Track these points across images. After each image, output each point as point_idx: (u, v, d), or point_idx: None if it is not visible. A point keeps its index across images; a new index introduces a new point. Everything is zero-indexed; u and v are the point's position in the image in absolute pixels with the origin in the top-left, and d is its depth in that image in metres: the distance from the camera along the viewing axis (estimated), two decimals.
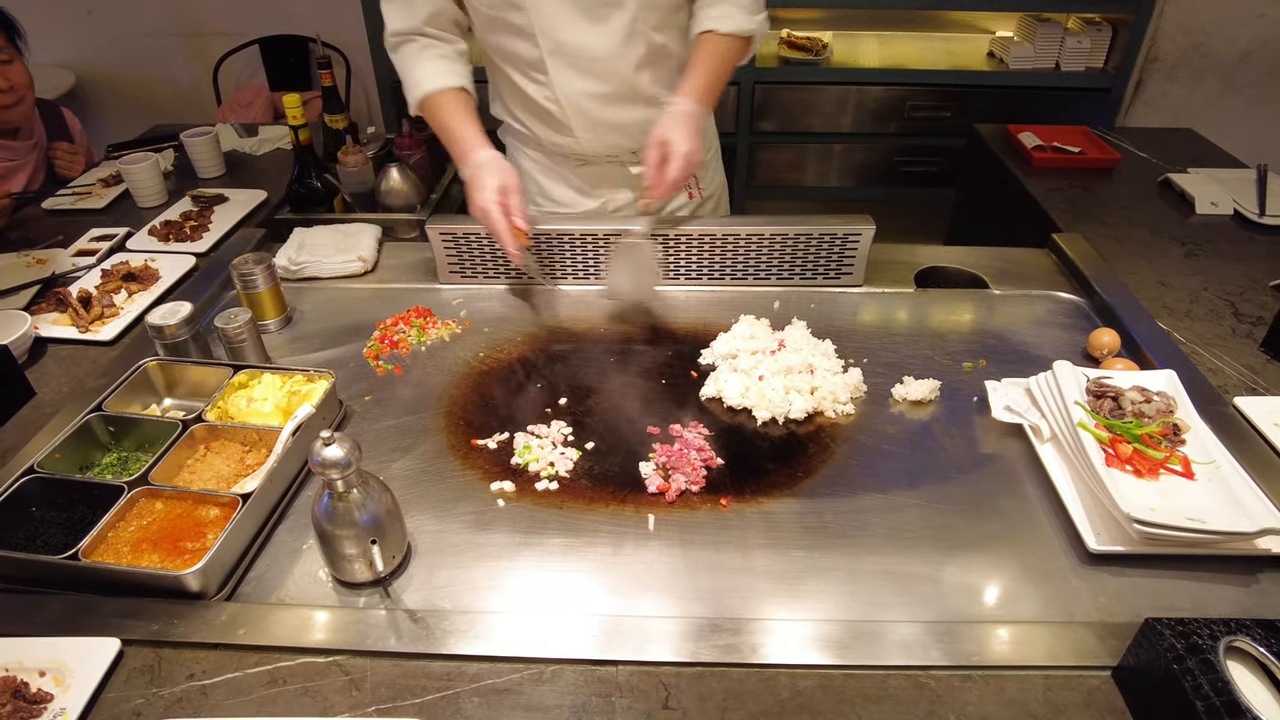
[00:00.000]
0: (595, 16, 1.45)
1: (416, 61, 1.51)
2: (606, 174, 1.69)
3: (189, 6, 3.52)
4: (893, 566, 1.01)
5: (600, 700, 0.85)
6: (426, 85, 1.50)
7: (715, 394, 1.30)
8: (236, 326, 1.33)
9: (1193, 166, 2.12)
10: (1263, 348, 1.42)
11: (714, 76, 1.49)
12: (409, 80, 1.52)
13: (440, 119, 1.51)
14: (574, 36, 1.46)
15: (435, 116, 1.51)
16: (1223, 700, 0.74)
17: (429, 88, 1.49)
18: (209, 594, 0.97)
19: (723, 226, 1.55)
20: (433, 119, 1.52)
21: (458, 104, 1.51)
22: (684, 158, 1.38)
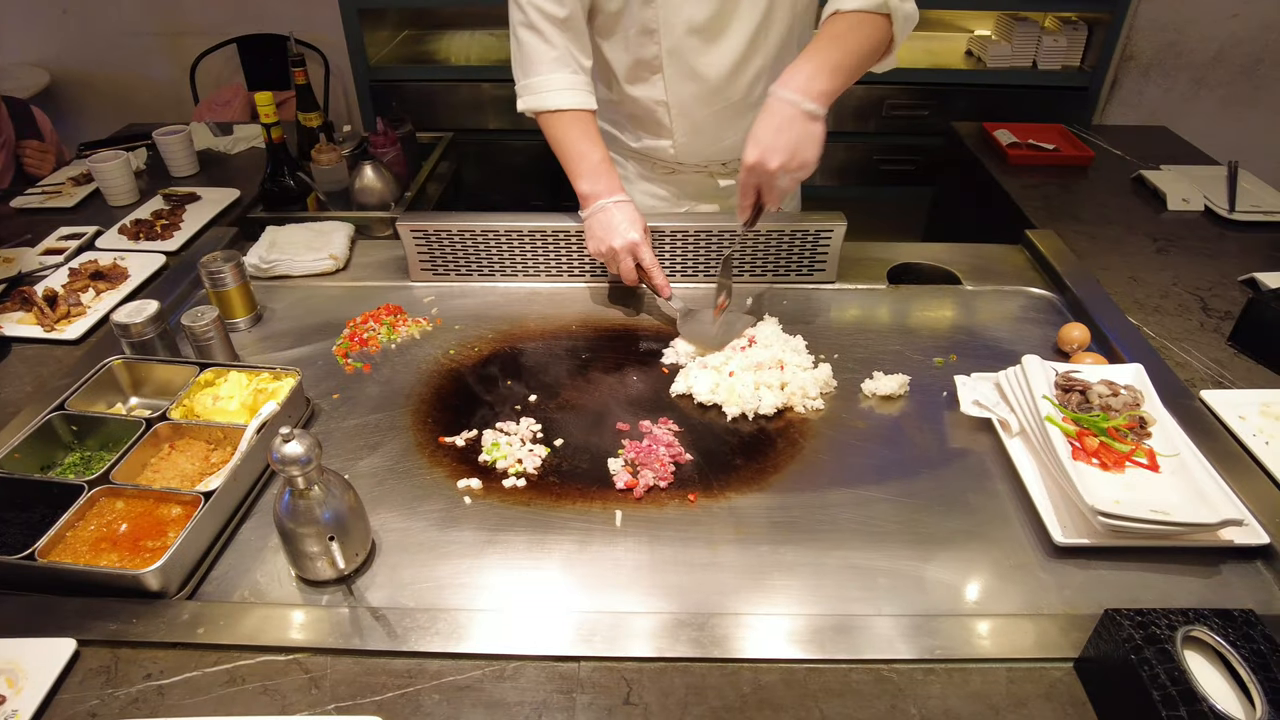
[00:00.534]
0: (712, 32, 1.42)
1: (555, 66, 1.43)
2: (695, 184, 1.69)
3: (166, 5, 3.49)
4: (859, 561, 1.01)
5: (561, 696, 0.84)
6: (563, 100, 1.43)
7: (685, 390, 1.30)
8: (203, 324, 1.32)
9: (1165, 164, 2.13)
10: (1230, 342, 1.43)
11: (827, 60, 1.23)
12: (538, 79, 1.44)
13: (572, 140, 1.44)
14: (693, 42, 1.43)
15: (567, 135, 1.45)
16: (1179, 689, 0.75)
17: (564, 104, 1.43)
18: (170, 593, 0.96)
19: (696, 223, 1.55)
20: (561, 136, 1.45)
21: (593, 131, 1.46)
22: (748, 171, 1.25)
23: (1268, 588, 0.99)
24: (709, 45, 1.44)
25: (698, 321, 1.44)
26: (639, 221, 1.42)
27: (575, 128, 1.44)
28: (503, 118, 3.24)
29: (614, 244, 1.40)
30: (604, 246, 1.42)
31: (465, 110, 3.24)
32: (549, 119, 1.46)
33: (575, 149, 1.44)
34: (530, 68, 1.45)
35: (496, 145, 3.28)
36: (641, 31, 1.44)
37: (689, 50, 1.45)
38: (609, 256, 1.43)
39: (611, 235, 1.40)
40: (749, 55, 1.47)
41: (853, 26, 1.27)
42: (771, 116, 1.23)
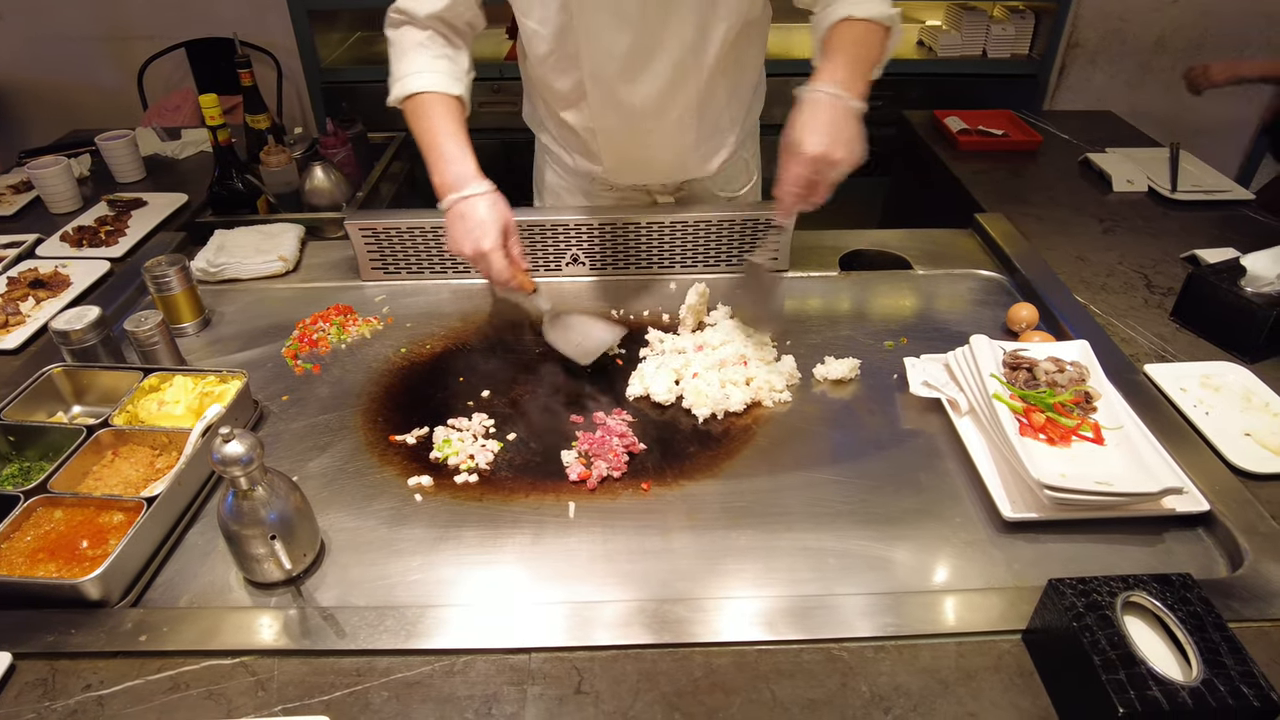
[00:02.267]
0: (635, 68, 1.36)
1: (418, 52, 1.35)
2: (633, 199, 1.67)
3: (109, 9, 3.41)
4: (810, 543, 1.02)
5: (512, 689, 0.84)
6: (422, 82, 1.33)
7: (642, 392, 1.27)
8: (147, 329, 1.29)
9: (1111, 146, 2.17)
10: (1172, 317, 1.45)
11: (855, 59, 1.24)
12: (400, 67, 1.36)
13: (428, 125, 1.32)
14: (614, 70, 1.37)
15: (423, 120, 1.33)
16: (1118, 653, 0.76)
17: (424, 85, 1.33)
18: (111, 601, 0.94)
19: (646, 215, 1.55)
20: (418, 122, 1.34)
21: (452, 115, 1.33)
22: (810, 162, 1.16)
23: (1208, 553, 1.02)
24: (632, 75, 1.38)
25: (565, 327, 1.35)
26: (503, 215, 1.27)
27: (433, 117, 1.32)
28: None
29: (471, 249, 1.25)
30: (466, 249, 1.26)
31: None
32: (408, 106, 1.35)
33: (427, 136, 1.32)
34: (397, 60, 1.38)
35: None
36: (564, 57, 1.39)
37: (611, 79, 1.38)
38: (472, 260, 1.27)
39: (467, 240, 1.25)
40: (675, 86, 1.40)
41: (865, 33, 1.27)
42: (824, 110, 1.18)
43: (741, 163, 1.70)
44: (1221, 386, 1.26)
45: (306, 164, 2.01)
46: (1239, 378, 1.28)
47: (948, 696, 0.83)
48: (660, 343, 1.37)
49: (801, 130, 1.17)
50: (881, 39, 1.30)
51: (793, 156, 1.18)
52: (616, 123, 1.46)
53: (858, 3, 1.28)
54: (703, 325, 1.42)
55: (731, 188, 1.73)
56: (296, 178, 2.01)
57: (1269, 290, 1.33)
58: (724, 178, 1.69)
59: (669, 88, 1.40)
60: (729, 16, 1.35)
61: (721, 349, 1.33)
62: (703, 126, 1.51)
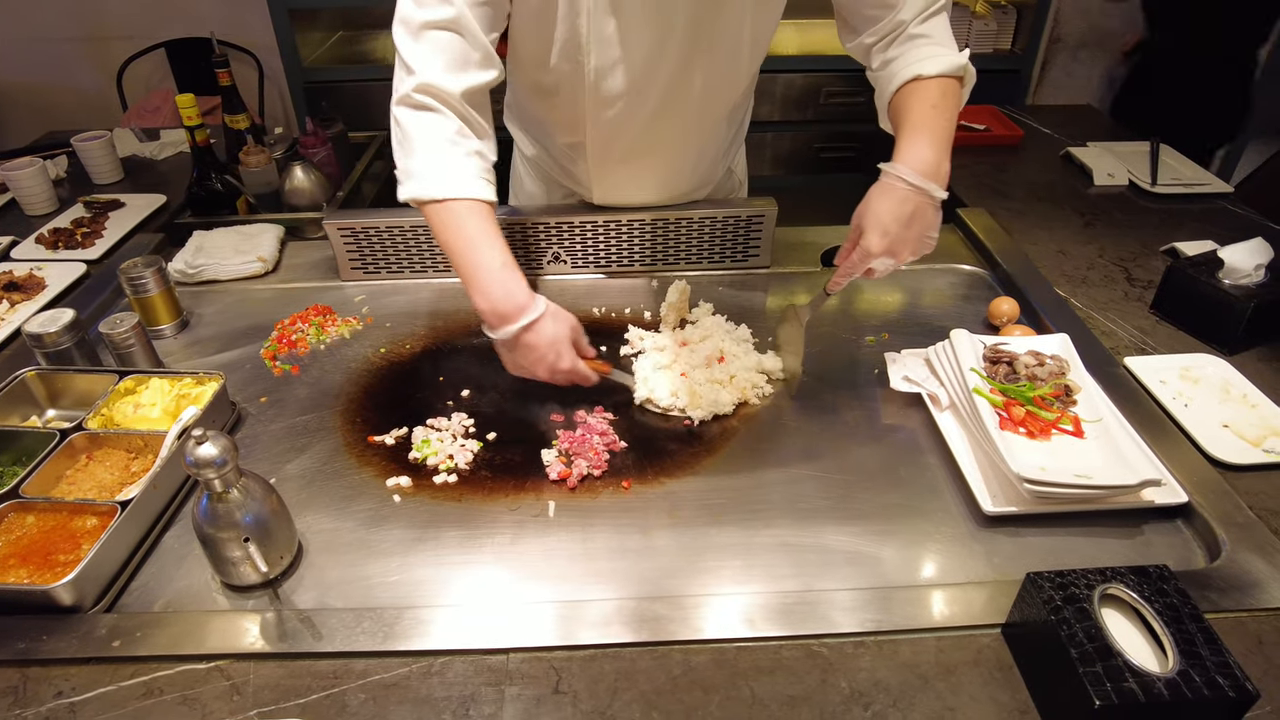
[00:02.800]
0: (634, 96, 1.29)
1: (446, 149, 1.17)
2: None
3: (86, 9, 3.38)
4: (790, 539, 1.02)
5: (490, 689, 0.83)
6: (452, 187, 1.17)
7: (648, 395, 1.24)
8: (122, 332, 1.28)
9: (1092, 140, 2.18)
10: (1152, 309, 1.46)
11: (938, 133, 1.13)
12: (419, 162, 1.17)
13: (463, 239, 1.17)
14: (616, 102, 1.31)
15: (456, 233, 1.17)
16: (1095, 645, 0.76)
17: (455, 191, 1.17)
18: (85, 607, 0.93)
19: (629, 214, 1.54)
20: (449, 231, 1.18)
21: (492, 226, 1.19)
22: (865, 255, 1.12)
23: (1187, 544, 1.02)
24: (630, 105, 1.32)
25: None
26: (568, 325, 1.20)
27: (465, 223, 1.17)
28: None
29: (560, 367, 1.18)
30: (543, 373, 1.19)
31: None
32: (431, 209, 1.19)
33: (463, 250, 1.17)
34: (409, 148, 1.19)
35: None
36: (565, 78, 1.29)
37: (614, 105, 1.32)
38: (553, 380, 1.21)
39: (549, 360, 1.17)
40: (670, 113, 1.34)
41: (943, 95, 1.17)
42: (902, 204, 1.10)
43: (727, 173, 1.69)
44: (1201, 378, 1.27)
45: (286, 164, 1.99)
46: (1218, 370, 1.28)
47: (927, 691, 0.83)
48: (641, 340, 1.37)
49: (873, 223, 1.11)
50: (958, 94, 1.20)
51: (859, 245, 1.13)
52: (611, 152, 1.42)
53: (928, 57, 1.18)
54: (684, 323, 1.42)
55: (718, 196, 1.72)
56: (276, 178, 2.00)
57: (1247, 282, 1.34)
58: (711, 190, 1.67)
59: (661, 114, 1.34)
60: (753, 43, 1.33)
61: (703, 344, 1.32)
62: (702, 155, 1.50)
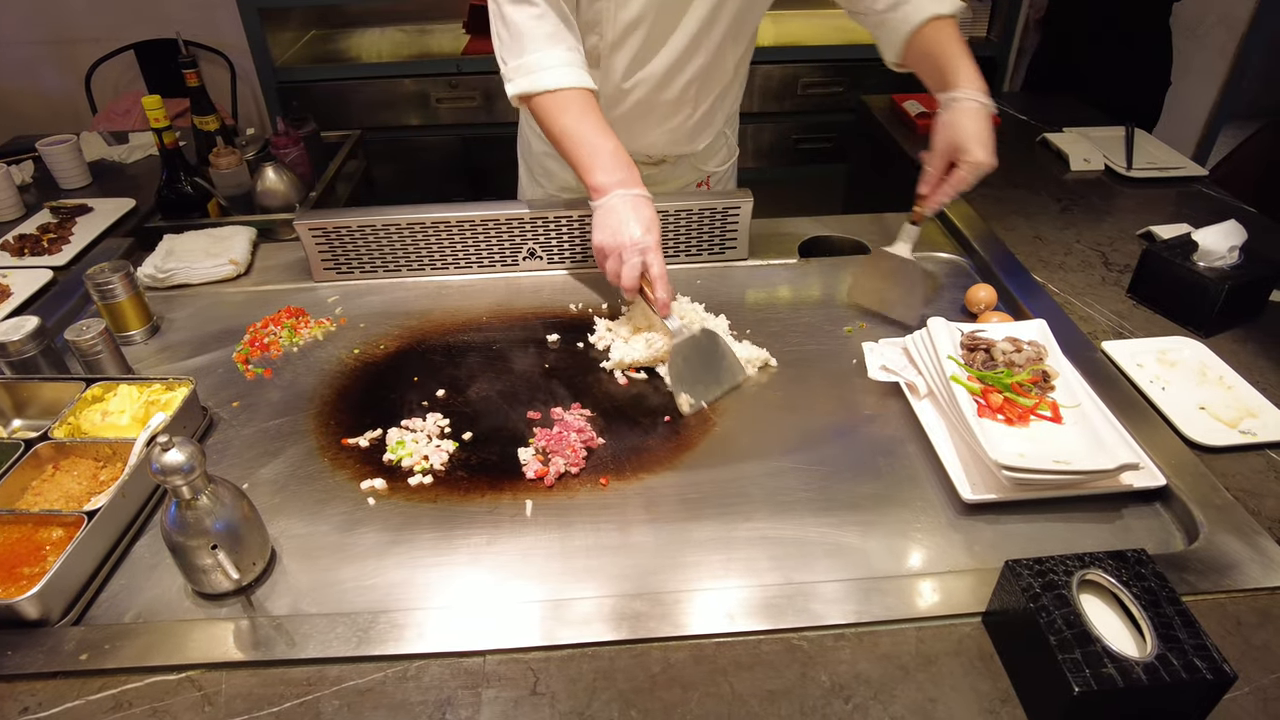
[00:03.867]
0: (655, 33, 1.38)
1: (550, 43, 1.30)
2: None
3: (50, 11, 3.31)
4: (768, 532, 1.01)
5: (467, 692, 0.82)
6: (555, 78, 1.29)
7: (624, 358, 1.29)
8: (89, 338, 1.25)
9: (1068, 126, 2.18)
10: (1129, 293, 1.46)
11: (971, 59, 1.37)
12: (524, 58, 1.30)
13: (572, 125, 1.29)
14: (635, 39, 1.39)
15: (573, 118, 1.30)
16: (1074, 632, 0.75)
17: (567, 81, 1.29)
18: (52, 620, 0.91)
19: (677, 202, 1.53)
20: (564, 118, 1.30)
21: (600, 115, 1.32)
22: (976, 168, 1.29)
23: (1165, 527, 1.02)
24: (650, 44, 1.40)
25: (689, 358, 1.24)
26: (656, 223, 1.27)
27: (579, 109, 1.30)
28: (417, 114, 3.18)
29: (623, 240, 1.24)
30: (612, 241, 1.25)
31: (378, 108, 3.17)
32: (546, 101, 1.30)
33: (582, 135, 1.29)
34: (520, 47, 1.30)
35: (411, 142, 3.22)
36: (586, 23, 1.38)
37: (629, 47, 1.40)
38: (614, 254, 1.26)
39: (623, 231, 1.24)
40: (687, 58, 1.43)
41: (957, 29, 1.40)
42: (982, 120, 1.32)
43: (723, 138, 1.73)
44: (1177, 361, 1.27)
45: (258, 165, 1.96)
46: (1194, 352, 1.28)
47: (908, 683, 0.82)
48: (609, 331, 1.36)
49: (971, 141, 1.29)
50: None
51: (962, 163, 1.30)
52: (622, 93, 1.47)
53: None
54: None
55: (712, 163, 1.74)
56: (248, 179, 1.97)
57: (1221, 264, 1.34)
58: (707, 152, 1.70)
59: (680, 61, 1.43)
60: None
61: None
62: (702, 101, 1.53)
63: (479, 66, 3.07)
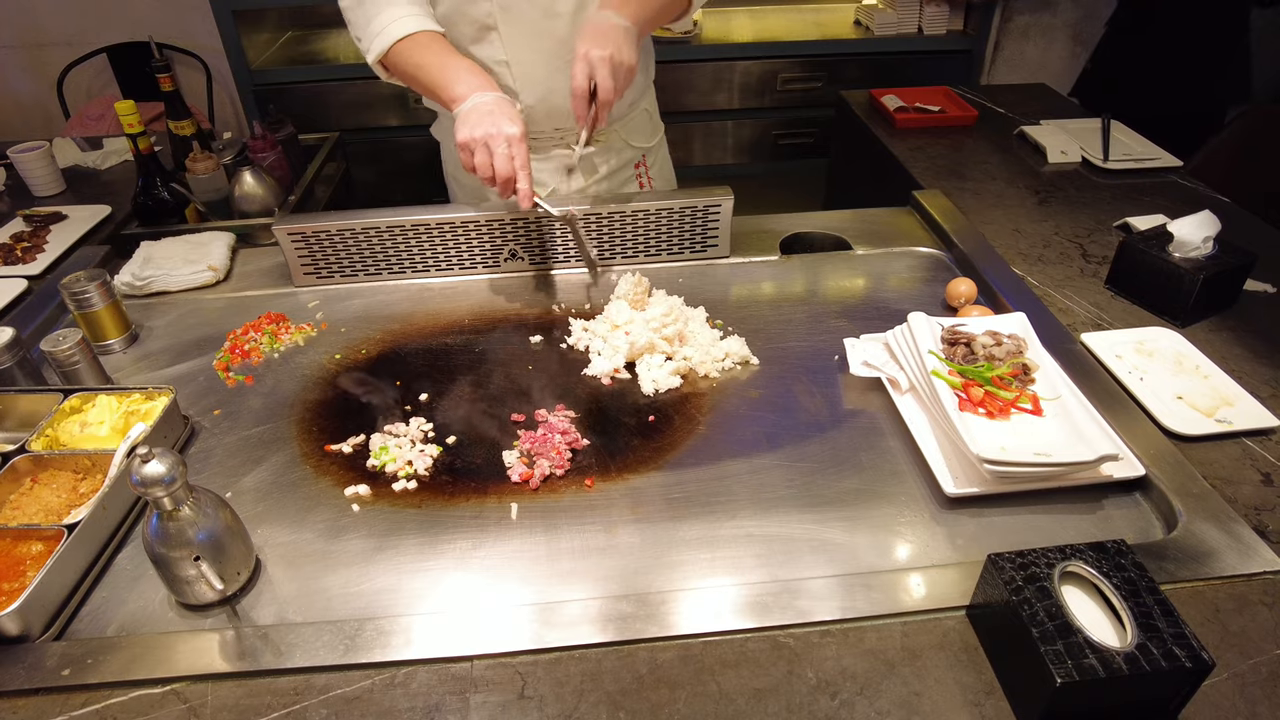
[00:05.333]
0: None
1: (383, 6, 1.38)
2: (550, 161, 1.64)
3: (20, 16, 3.27)
4: (753, 529, 1.01)
5: (454, 698, 0.82)
6: (403, 27, 1.37)
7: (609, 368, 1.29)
8: (66, 349, 1.24)
9: (1045, 119, 2.20)
10: (1107, 285, 1.47)
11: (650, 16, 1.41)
12: (373, 25, 1.39)
13: (427, 57, 1.37)
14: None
15: (425, 54, 1.38)
16: (1056, 624, 0.76)
17: (406, 29, 1.36)
18: (33, 636, 0.90)
19: (583, 207, 1.52)
20: (419, 54, 1.38)
21: (443, 43, 1.39)
22: (607, 62, 1.29)
23: (1145, 517, 1.03)
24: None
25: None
26: (520, 118, 1.32)
27: (430, 46, 1.38)
28: (396, 114, 3.16)
29: (491, 131, 1.29)
30: (480, 133, 1.29)
31: (357, 109, 3.15)
32: (400, 50, 1.38)
33: (437, 61, 1.37)
34: (368, 22, 1.39)
35: (391, 143, 3.20)
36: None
37: (523, 3, 1.41)
38: (480, 146, 1.30)
39: (489, 123, 1.29)
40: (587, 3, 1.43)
41: None
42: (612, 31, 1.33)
43: (645, 114, 1.72)
44: (1155, 352, 1.28)
45: (235, 170, 1.95)
46: (1171, 342, 1.30)
47: (893, 677, 0.83)
48: (584, 331, 1.37)
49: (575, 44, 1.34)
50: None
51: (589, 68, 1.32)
52: (531, 51, 1.48)
53: None
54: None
55: (641, 139, 1.73)
56: (226, 184, 1.96)
57: (1196, 255, 1.36)
58: (632, 127, 1.69)
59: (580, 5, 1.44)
60: None
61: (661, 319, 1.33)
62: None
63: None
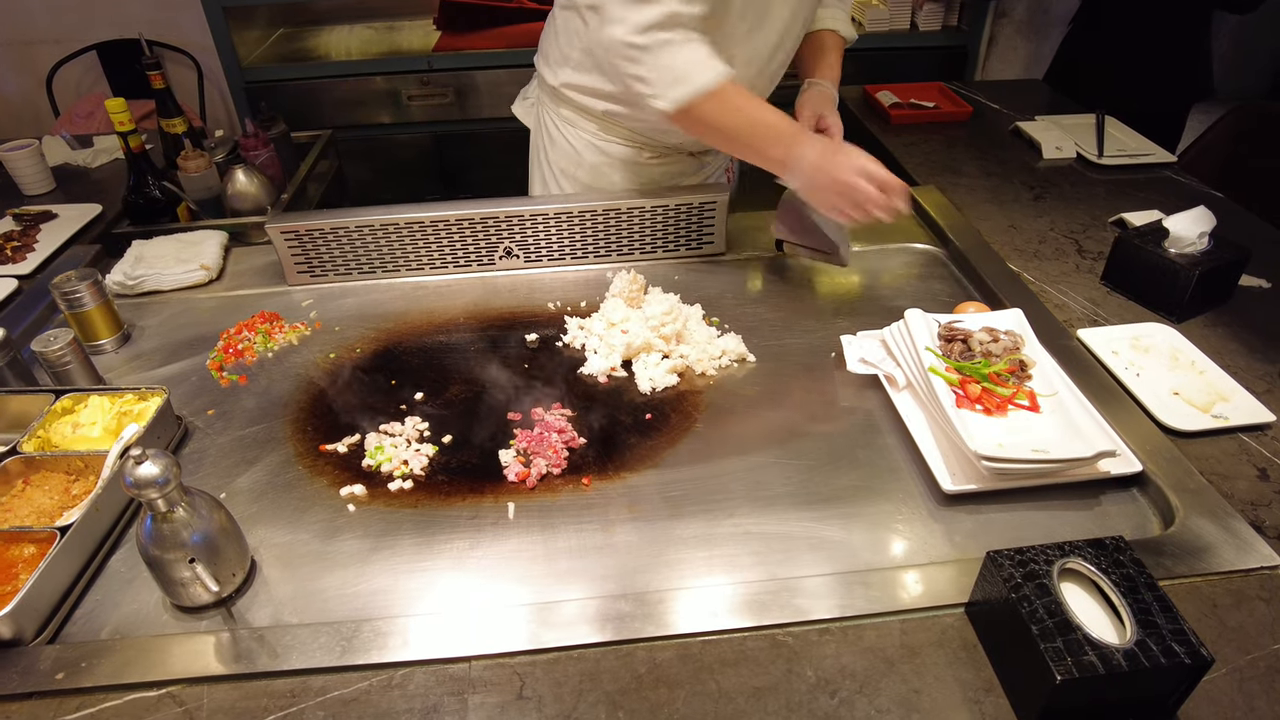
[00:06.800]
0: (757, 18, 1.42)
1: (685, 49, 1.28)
2: (675, 168, 1.64)
3: (8, 12, 3.24)
4: (750, 527, 1.01)
5: (453, 699, 0.82)
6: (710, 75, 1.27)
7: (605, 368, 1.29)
8: (57, 349, 1.23)
9: (1040, 114, 2.20)
10: (1103, 280, 1.47)
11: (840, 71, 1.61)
12: (674, 70, 1.28)
13: (752, 107, 1.32)
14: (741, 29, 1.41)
15: (741, 107, 1.31)
16: (1055, 621, 0.76)
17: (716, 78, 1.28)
18: (25, 640, 0.89)
19: (580, 204, 1.52)
20: (734, 109, 1.31)
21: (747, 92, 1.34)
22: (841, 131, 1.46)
23: (1142, 512, 1.03)
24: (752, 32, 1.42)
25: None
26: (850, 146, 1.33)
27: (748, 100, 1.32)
28: (387, 112, 3.14)
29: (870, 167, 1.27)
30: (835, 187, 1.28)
31: (349, 106, 3.13)
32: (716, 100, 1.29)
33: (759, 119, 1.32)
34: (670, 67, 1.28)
35: (383, 140, 3.18)
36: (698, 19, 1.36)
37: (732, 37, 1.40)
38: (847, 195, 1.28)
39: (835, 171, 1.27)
40: (783, 42, 1.49)
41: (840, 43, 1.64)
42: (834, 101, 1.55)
43: None
44: (1150, 347, 1.28)
45: (227, 168, 1.94)
46: (1167, 338, 1.30)
47: (892, 675, 0.83)
48: (580, 329, 1.36)
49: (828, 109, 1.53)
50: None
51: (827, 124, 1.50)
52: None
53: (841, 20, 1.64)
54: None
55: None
56: (218, 182, 1.95)
57: (1191, 251, 1.36)
58: None
59: (778, 45, 1.49)
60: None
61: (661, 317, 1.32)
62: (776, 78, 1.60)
63: (450, 63, 3.04)
